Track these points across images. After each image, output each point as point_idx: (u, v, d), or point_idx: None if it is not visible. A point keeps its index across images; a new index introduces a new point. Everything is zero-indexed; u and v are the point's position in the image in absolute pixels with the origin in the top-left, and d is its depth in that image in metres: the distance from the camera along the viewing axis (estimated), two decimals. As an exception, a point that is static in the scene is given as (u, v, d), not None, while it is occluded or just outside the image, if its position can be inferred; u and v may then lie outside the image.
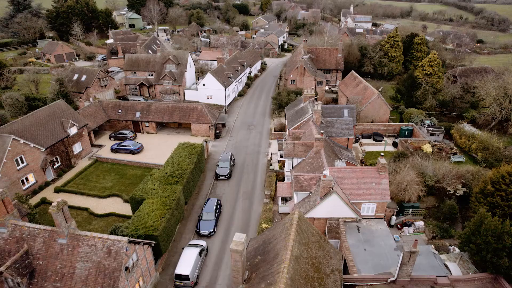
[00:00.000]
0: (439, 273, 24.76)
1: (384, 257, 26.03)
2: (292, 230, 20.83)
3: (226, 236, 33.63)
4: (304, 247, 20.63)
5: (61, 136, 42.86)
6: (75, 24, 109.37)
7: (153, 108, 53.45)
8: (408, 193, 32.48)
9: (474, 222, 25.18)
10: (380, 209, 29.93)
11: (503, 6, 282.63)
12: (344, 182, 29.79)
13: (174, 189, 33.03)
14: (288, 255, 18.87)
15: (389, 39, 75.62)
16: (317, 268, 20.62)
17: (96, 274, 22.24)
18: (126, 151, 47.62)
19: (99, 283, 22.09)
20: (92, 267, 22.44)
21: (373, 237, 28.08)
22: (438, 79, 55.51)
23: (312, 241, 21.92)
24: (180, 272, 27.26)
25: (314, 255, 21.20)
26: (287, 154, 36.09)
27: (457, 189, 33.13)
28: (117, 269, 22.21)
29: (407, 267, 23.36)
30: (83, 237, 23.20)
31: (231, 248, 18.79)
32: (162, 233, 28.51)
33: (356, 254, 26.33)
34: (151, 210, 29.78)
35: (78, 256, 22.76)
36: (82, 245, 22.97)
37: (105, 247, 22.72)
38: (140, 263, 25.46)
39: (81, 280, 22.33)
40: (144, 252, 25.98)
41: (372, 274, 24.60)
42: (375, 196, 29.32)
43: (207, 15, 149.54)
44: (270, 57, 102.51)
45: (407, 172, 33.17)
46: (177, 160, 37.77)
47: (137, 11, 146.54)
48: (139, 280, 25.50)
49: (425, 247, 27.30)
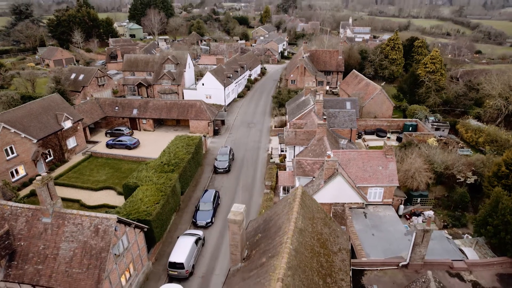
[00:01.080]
0: (454, 257, 22.85)
1: (394, 242, 24.17)
2: (295, 203, 19.12)
3: (224, 228, 31.75)
4: (308, 221, 18.89)
5: (54, 129, 41.46)
6: (75, 32, 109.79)
7: (150, 104, 52.28)
8: (417, 181, 30.81)
9: (490, 202, 23.47)
10: (388, 194, 28.21)
11: (498, 22, 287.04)
12: (349, 165, 28.19)
13: (169, 176, 31.39)
14: (292, 227, 17.12)
15: (389, 42, 75.38)
16: (323, 244, 18.80)
17: (81, 255, 20.40)
18: (122, 146, 46.12)
19: (85, 265, 20.22)
20: (77, 247, 20.63)
21: (381, 223, 26.27)
22: (441, 77, 54.60)
23: (317, 217, 20.17)
24: (174, 260, 25.30)
25: (320, 231, 19.42)
26: (289, 143, 34.60)
27: (468, 177, 31.46)
28: (105, 249, 20.38)
29: (420, 249, 21.48)
30: (69, 215, 21.47)
31: (229, 218, 17.10)
32: (156, 219, 26.69)
33: (364, 239, 24.47)
34: (145, 196, 28.06)
35: (63, 236, 20.96)
36: (68, 224, 21.21)
37: (93, 225, 20.96)
38: (131, 248, 23.60)
39: (65, 261, 20.47)
40: (135, 236, 24.15)
41: (382, 258, 22.70)
42: (382, 180, 27.67)
43: (207, 25, 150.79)
44: (270, 63, 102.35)
45: (415, 159, 31.60)
46: (174, 150, 36.26)
47: (138, 22, 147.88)
48: (129, 267, 23.56)
49: (438, 232, 25.48)
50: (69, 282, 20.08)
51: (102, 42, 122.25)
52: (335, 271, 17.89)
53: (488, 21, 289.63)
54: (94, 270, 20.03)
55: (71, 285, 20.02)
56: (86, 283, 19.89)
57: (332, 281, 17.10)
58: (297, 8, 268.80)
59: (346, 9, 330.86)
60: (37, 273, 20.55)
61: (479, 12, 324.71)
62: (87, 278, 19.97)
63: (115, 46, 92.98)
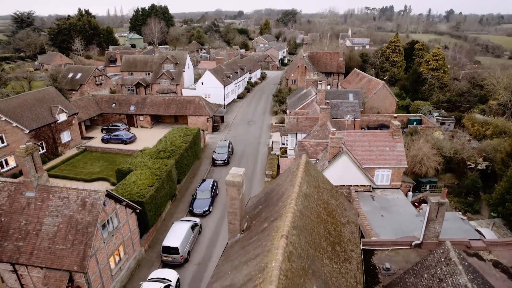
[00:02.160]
0: (471, 237, 21.14)
1: (405, 223, 22.48)
2: (299, 171, 17.56)
3: (223, 217, 29.98)
4: (314, 189, 17.30)
5: (48, 121, 40.12)
6: (76, 40, 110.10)
7: (148, 101, 51.18)
8: (425, 166, 29.29)
9: (507, 179, 21.92)
10: (396, 177, 26.62)
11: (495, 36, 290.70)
12: (355, 146, 26.73)
13: (165, 162, 29.87)
14: (296, 190, 15.52)
15: (390, 44, 75.08)
16: (330, 214, 17.16)
17: (66, 230, 18.70)
18: (118, 140, 44.68)
19: (70, 241, 18.50)
20: (62, 222, 18.95)
21: (390, 205, 24.62)
22: (443, 74, 53.76)
23: (323, 187, 18.59)
24: (168, 244, 23.50)
25: (326, 201, 17.80)
26: (290, 129, 33.23)
27: (478, 163, 29.94)
28: (92, 223, 18.70)
29: (434, 225, 19.76)
30: (54, 189, 19.89)
31: (227, 180, 15.59)
32: (150, 202, 25.02)
33: (373, 220, 22.78)
34: (139, 179, 26.48)
35: (47, 211, 19.31)
36: (53, 198, 19.60)
37: (80, 199, 19.35)
38: (122, 228, 21.87)
39: (48, 237, 18.76)
40: (127, 216, 22.45)
41: (393, 238, 20.97)
42: (389, 161, 26.16)
43: (208, 35, 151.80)
44: (270, 69, 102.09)
45: (423, 143, 30.17)
46: (171, 139, 34.85)
47: (139, 32, 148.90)
48: (119, 249, 21.76)
49: (451, 213, 23.78)
50: (51, 259, 18.33)
51: (102, 51, 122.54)
52: (344, 241, 16.20)
53: (485, 35, 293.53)
54: (79, 246, 18.31)
55: (53, 263, 18.26)
56: (70, 260, 18.14)
57: (341, 250, 15.40)
58: (296, 22, 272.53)
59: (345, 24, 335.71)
60: (17, 250, 18.82)
61: (476, 28, 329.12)
62: (71, 254, 18.23)
63: (114, 51, 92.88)
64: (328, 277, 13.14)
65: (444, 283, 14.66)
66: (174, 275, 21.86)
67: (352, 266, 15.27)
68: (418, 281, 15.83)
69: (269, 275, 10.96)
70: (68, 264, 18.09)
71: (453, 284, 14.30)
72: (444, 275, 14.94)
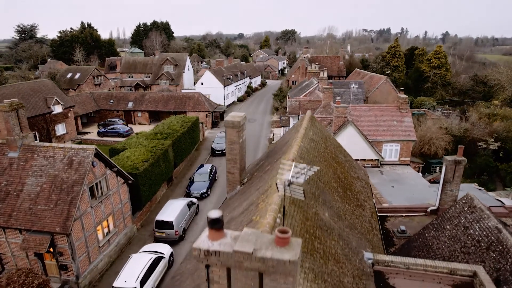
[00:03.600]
0: (491, 204, 19.44)
1: (419, 192, 20.84)
2: (304, 121, 16.17)
3: (220, 201, 28.18)
4: (321, 139, 15.85)
5: (42, 111, 39.01)
6: (77, 51, 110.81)
7: (147, 97, 50.28)
8: (434, 145, 27.87)
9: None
10: (405, 152, 25.15)
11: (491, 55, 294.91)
12: (361, 120, 25.42)
13: (162, 142, 28.49)
14: (302, 132, 14.08)
15: (390, 49, 75.16)
16: (339, 164, 15.64)
17: (50, 190, 17.12)
18: (114, 134, 43.38)
19: (53, 201, 16.87)
20: (46, 182, 17.39)
21: (401, 178, 23.03)
22: (446, 72, 53.18)
23: (330, 142, 17.13)
24: (162, 218, 21.76)
25: (334, 153, 16.32)
26: (292, 112, 32.06)
27: (490, 144, 28.55)
28: (78, 182, 17.15)
29: (451, 187, 18.16)
30: (39, 148, 18.44)
31: (226, 120, 14.24)
32: (144, 176, 23.46)
33: (383, 190, 21.14)
34: (133, 155, 25.00)
35: (30, 171, 17.79)
36: (38, 158, 18.12)
37: (66, 157, 17.88)
38: (112, 197, 20.23)
39: (30, 198, 17.15)
40: (118, 185, 20.86)
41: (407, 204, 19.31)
42: (397, 134, 24.78)
43: (208, 50, 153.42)
44: (270, 79, 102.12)
45: (431, 124, 28.88)
46: (168, 124, 33.59)
47: (140, 46, 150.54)
48: (108, 220, 20.03)
49: (467, 184, 22.17)
50: (32, 220, 16.65)
51: (102, 63, 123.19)
52: (355, 191, 14.64)
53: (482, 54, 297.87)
54: (63, 206, 16.67)
55: (34, 224, 16.56)
56: (52, 220, 16.45)
57: (353, 196, 13.82)
58: (296, 41, 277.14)
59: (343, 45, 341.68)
60: (-6, 212, 17.13)
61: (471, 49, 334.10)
62: (54, 215, 16.56)
63: (115, 57, 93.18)
64: (341, 212, 11.55)
65: (470, 230, 13.01)
66: (167, 249, 20.04)
67: (366, 213, 13.65)
68: (440, 233, 14.14)
69: (274, 189, 9.47)
70: (50, 225, 16.39)
71: (481, 228, 12.66)
72: (469, 223, 13.30)
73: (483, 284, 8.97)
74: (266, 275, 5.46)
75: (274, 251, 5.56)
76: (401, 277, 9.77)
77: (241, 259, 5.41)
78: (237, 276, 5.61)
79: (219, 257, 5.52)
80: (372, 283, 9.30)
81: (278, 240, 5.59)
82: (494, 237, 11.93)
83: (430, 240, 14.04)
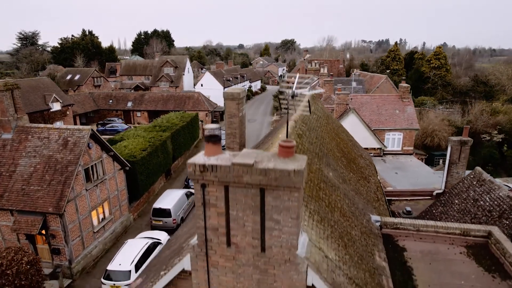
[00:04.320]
0: (498, 189, 18.87)
1: (423, 178, 20.30)
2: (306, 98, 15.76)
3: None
4: (323, 116, 15.42)
5: (40, 108, 38.66)
6: (78, 57, 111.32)
7: (146, 97, 50.04)
8: (437, 137, 27.44)
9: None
10: (408, 141, 24.69)
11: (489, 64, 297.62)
12: (362, 109, 25.01)
13: (160, 134, 28.04)
14: (304, 104, 13.64)
15: (389, 53, 75.42)
16: (342, 140, 15.17)
17: (44, 171, 16.59)
18: (113, 132, 42.81)
19: (46, 181, 16.33)
20: (40, 162, 16.88)
21: (405, 166, 22.51)
22: (446, 73, 53.12)
23: (331, 120, 16.69)
24: (159, 206, 21.15)
25: (337, 130, 15.86)
26: (293, 106, 31.61)
27: (494, 136, 28.12)
28: (73, 162, 16.63)
29: (457, 169, 17.63)
30: (34, 129, 17.98)
31: (225, 92, 13.74)
32: (141, 164, 22.93)
33: (387, 177, 20.59)
34: (130, 144, 24.51)
35: (24, 152, 17.30)
36: (32, 139, 17.65)
37: (61, 138, 17.41)
38: (108, 183, 19.67)
39: (23, 178, 16.61)
40: (114, 171, 20.32)
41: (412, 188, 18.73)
42: (400, 123, 24.35)
43: (209, 57, 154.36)
44: (270, 84, 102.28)
45: (433, 116, 28.50)
46: (167, 118, 33.21)
47: (140, 54, 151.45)
48: (104, 205, 19.43)
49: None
50: (24, 201, 16.06)
51: (103, 69, 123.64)
52: (359, 165, 14.12)
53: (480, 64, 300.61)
54: (57, 186, 16.11)
55: (26, 204, 15.97)
56: (45, 200, 15.87)
57: (357, 168, 13.30)
58: (295, 50, 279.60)
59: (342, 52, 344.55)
60: (-15, 193, 16.56)
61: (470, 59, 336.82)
62: (47, 195, 15.99)
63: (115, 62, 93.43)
64: (346, 177, 11.03)
65: (480, 202, 12.46)
66: (164, 235, 19.35)
67: (371, 185, 13.11)
68: (448, 208, 13.58)
69: (273, 144, 9.03)
70: (43, 205, 15.80)
71: (492, 199, 12.12)
72: (479, 195, 12.77)
73: (499, 241, 8.40)
74: (268, 191, 4.95)
75: (277, 162, 5.08)
76: (411, 240, 9.20)
77: (241, 173, 4.91)
78: (235, 196, 5.11)
79: (216, 173, 5.04)
80: (381, 244, 8.72)
81: (281, 150, 5.11)
82: (507, 205, 11.40)
83: (438, 216, 13.48)
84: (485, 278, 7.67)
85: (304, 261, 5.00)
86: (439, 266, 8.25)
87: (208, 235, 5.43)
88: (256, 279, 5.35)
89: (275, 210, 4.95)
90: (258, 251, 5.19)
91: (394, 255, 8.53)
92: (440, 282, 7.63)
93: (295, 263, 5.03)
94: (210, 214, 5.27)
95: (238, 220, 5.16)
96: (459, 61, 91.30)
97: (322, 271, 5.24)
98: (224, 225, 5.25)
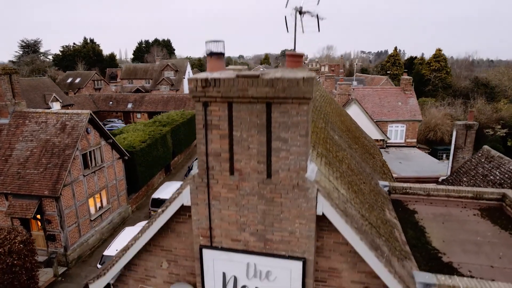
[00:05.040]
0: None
1: (428, 167, 19.91)
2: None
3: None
4: (326, 97, 15.13)
5: (40, 107, 38.44)
6: (79, 64, 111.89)
7: (146, 99, 49.94)
8: (440, 131, 27.14)
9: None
10: (411, 133, 24.36)
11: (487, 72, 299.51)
12: (365, 101, 24.77)
13: (160, 128, 27.75)
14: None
15: (389, 58, 75.75)
16: (346, 120, 14.83)
17: (40, 154, 16.23)
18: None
19: (43, 164, 15.96)
20: (37, 146, 16.54)
21: (408, 157, 22.12)
22: (446, 75, 53.16)
23: (334, 104, 16.38)
24: (158, 196, 20.67)
25: (340, 112, 15.54)
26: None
27: (497, 130, 27.82)
28: (70, 145, 16.30)
29: (463, 154, 17.27)
30: (32, 114, 17.71)
31: (227, 68, 13.47)
32: (141, 155, 22.58)
33: (391, 165, 20.19)
34: (130, 136, 24.21)
35: (21, 136, 16.98)
36: (30, 124, 17.35)
37: (59, 122, 17.12)
38: (106, 171, 19.28)
39: (19, 162, 16.24)
40: (113, 159, 19.96)
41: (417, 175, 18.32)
42: (403, 114, 24.08)
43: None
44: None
45: (436, 111, 28.26)
46: (167, 115, 32.99)
47: (141, 62, 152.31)
48: (101, 194, 18.99)
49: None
50: (19, 184, 15.65)
51: (104, 76, 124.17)
52: (364, 144, 13.76)
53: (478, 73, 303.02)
54: (53, 169, 15.73)
55: (21, 188, 15.55)
56: (41, 184, 15.47)
57: (362, 145, 12.92)
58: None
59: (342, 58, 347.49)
60: (-20, 177, 16.15)
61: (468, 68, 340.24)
62: (43, 178, 15.59)
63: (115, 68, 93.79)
64: (352, 146, 10.65)
65: (490, 177, 12.07)
66: (163, 225, 18.82)
67: (377, 162, 12.73)
68: (456, 186, 13.13)
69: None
70: (39, 189, 15.38)
71: (502, 173, 11.73)
72: (488, 171, 12.38)
73: (515, 202, 8.00)
74: (275, 106, 4.58)
75: (285, 72, 4.75)
76: (422, 204, 8.79)
77: (246, 86, 4.54)
78: (240, 114, 4.74)
79: (219, 88, 4.68)
80: (391, 205, 8.32)
81: (289, 60, 4.79)
82: (518, 177, 11.00)
83: (446, 194, 13.02)
84: (502, 235, 7.25)
85: (314, 185, 4.61)
86: (452, 225, 7.82)
87: (210, 161, 5.07)
88: (261, 211, 4.94)
89: (283, 127, 4.58)
90: (264, 177, 4.80)
91: (405, 216, 8.11)
92: (455, 239, 7.21)
93: (304, 188, 4.64)
94: (212, 138, 4.91)
95: (242, 143, 4.79)
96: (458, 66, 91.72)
97: (333, 198, 4.84)
98: (227, 149, 4.87)
